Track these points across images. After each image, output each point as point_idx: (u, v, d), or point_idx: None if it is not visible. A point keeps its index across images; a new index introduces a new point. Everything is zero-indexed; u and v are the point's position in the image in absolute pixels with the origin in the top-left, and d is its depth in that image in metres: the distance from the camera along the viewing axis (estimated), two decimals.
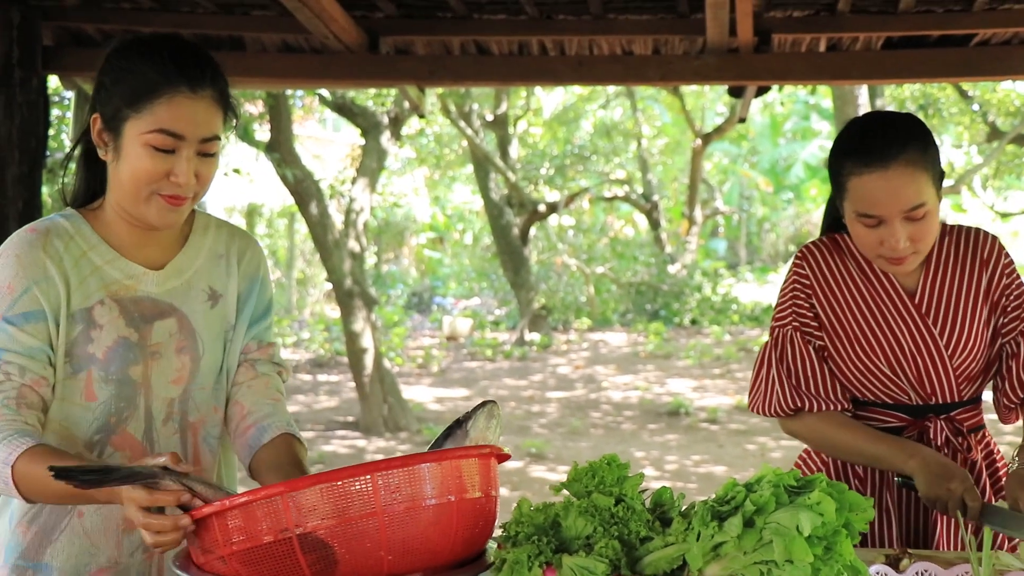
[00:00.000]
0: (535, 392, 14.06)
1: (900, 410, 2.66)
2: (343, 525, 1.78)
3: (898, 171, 2.44)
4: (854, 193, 2.50)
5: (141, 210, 2.10)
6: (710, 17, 4.20)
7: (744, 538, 1.80)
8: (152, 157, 2.05)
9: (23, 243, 2.10)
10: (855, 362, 2.66)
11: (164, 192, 2.07)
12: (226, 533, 1.79)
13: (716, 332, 19.40)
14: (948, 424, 2.64)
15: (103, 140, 2.10)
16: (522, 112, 21.23)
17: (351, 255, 11.73)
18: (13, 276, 2.06)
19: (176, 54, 2.09)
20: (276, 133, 11.35)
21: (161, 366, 2.17)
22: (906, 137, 2.48)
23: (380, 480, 1.80)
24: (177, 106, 2.05)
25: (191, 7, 4.68)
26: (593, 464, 2.06)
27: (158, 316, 2.17)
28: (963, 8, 4.44)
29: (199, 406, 2.23)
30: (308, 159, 14.48)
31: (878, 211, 2.47)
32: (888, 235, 2.49)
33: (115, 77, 2.08)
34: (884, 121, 2.55)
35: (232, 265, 2.30)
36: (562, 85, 15.34)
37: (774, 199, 31.92)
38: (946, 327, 2.61)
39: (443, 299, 25.21)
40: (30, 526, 2.14)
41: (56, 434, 2.10)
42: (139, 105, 2.04)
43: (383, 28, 4.73)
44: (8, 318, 2.05)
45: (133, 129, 2.05)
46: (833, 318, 2.66)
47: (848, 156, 2.51)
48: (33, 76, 4.67)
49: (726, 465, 9.91)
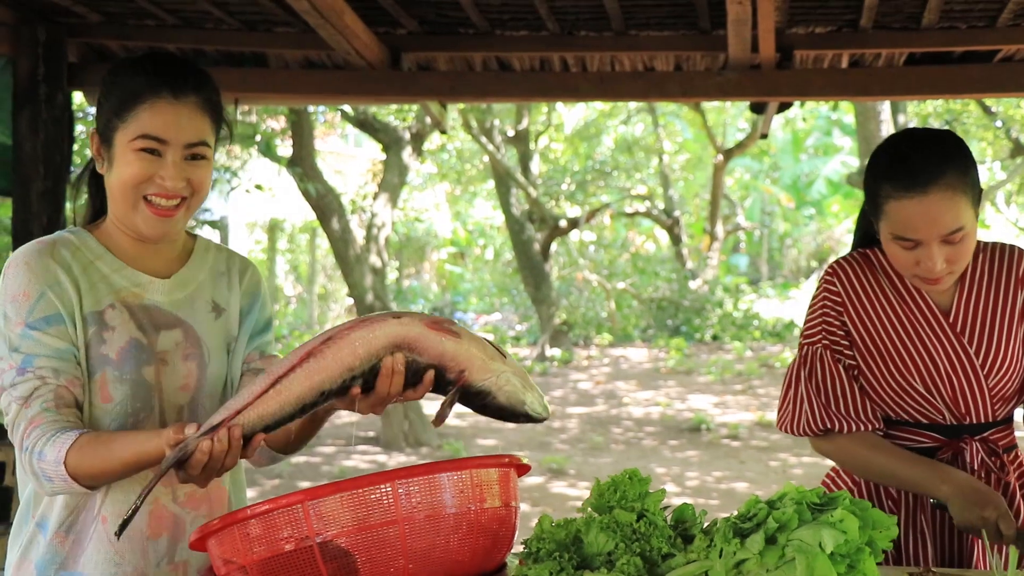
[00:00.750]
0: (556, 408, 14.03)
1: (934, 430, 2.62)
2: (364, 533, 1.78)
3: (937, 196, 2.39)
4: (891, 216, 2.45)
5: (131, 218, 2.17)
6: (732, 33, 4.20)
7: (766, 555, 1.79)
8: (139, 161, 2.12)
9: (31, 252, 2.15)
10: (889, 381, 2.61)
11: (151, 193, 2.14)
12: (247, 542, 1.80)
13: (737, 348, 19.34)
14: (983, 445, 2.60)
15: (100, 154, 2.19)
16: (543, 128, 21.26)
17: (372, 270, 11.76)
18: (27, 283, 2.11)
19: (160, 65, 2.17)
20: (298, 149, 11.39)
21: (170, 372, 2.21)
22: (946, 159, 2.42)
23: (401, 488, 1.81)
24: (160, 111, 2.12)
25: (214, 24, 4.71)
26: (615, 479, 2.05)
27: (164, 326, 2.22)
28: (987, 24, 4.42)
29: (208, 414, 2.22)
30: (330, 174, 14.54)
31: (916, 235, 2.43)
32: (925, 257, 2.44)
33: (106, 92, 2.17)
34: (923, 141, 2.49)
35: (233, 282, 2.37)
36: (583, 101, 15.35)
37: (796, 215, 31.85)
38: (981, 346, 2.57)
39: (464, 314, 25.23)
40: (67, 535, 2.16)
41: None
42: (125, 114, 2.12)
43: (405, 44, 4.75)
44: (31, 324, 2.09)
45: (122, 137, 2.13)
46: (866, 336, 2.62)
47: (886, 178, 2.45)
48: (58, 92, 4.71)
49: (747, 482, 9.87)
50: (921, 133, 2.54)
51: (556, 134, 22.93)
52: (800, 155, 31.05)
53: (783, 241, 33.31)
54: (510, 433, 12.27)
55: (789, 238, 33.14)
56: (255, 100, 6.13)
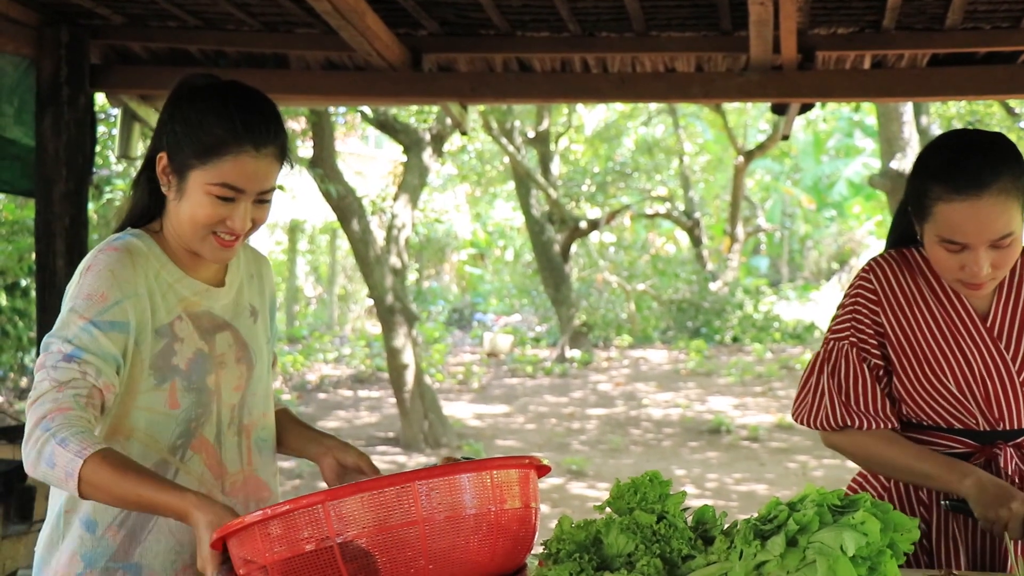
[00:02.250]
0: (575, 409, 14.02)
1: (967, 435, 2.58)
2: (385, 534, 1.79)
3: (990, 200, 2.34)
4: (940, 218, 2.40)
5: (196, 246, 2.26)
6: (753, 35, 4.19)
7: (787, 557, 1.79)
8: (213, 205, 2.19)
9: (115, 260, 2.19)
10: (923, 382, 2.58)
11: (219, 233, 2.23)
12: (268, 542, 1.81)
13: (758, 350, 19.28)
14: (1017, 451, 2.57)
15: (166, 177, 2.23)
16: (564, 129, 21.23)
17: (392, 271, 11.77)
18: (108, 287, 2.16)
19: (245, 111, 2.22)
20: (319, 150, 11.41)
21: (226, 374, 2.32)
22: (1000, 163, 2.37)
23: (421, 489, 1.81)
24: (242, 164, 2.19)
25: (236, 25, 4.73)
26: (635, 481, 2.05)
27: (217, 329, 2.32)
28: (1011, 25, 4.40)
29: (251, 411, 2.38)
30: (350, 176, 14.55)
31: (965, 239, 2.38)
32: (971, 262, 2.40)
33: (186, 129, 2.21)
34: (977, 144, 2.43)
35: (262, 284, 2.49)
36: (604, 102, 15.35)
37: (816, 216, 31.72)
38: (1019, 351, 2.54)
39: (484, 315, 25.22)
40: (120, 529, 2.23)
41: (140, 443, 2.21)
42: (206, 159, 2.18)
43: (426, 46, 4.76)
44: (95, 321, 2.13)
45: (199, 178, 2.19)
46: (901, 335, 2.59)
47: (937, 180, 2.40)
48: (80, 94, 4.73)
49: (767, 484, 9.84)
50: (974, 135, 2.49)
51: (576, 135, 22.90)
52: (821, 157, 30.92)
53: (804, 243, 33.18)
54: (529, 435, 12.27)
55: (810, 240, 33.00)
56: (276, 101, 6.12)
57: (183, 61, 5.01)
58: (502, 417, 13.31)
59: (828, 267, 32.72)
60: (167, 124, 2.24)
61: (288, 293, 23.57)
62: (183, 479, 2.22)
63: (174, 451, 2.24)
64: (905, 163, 11.13)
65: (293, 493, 9.23)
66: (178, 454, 2.24)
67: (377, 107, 12.00)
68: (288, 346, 19.25)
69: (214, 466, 2.29)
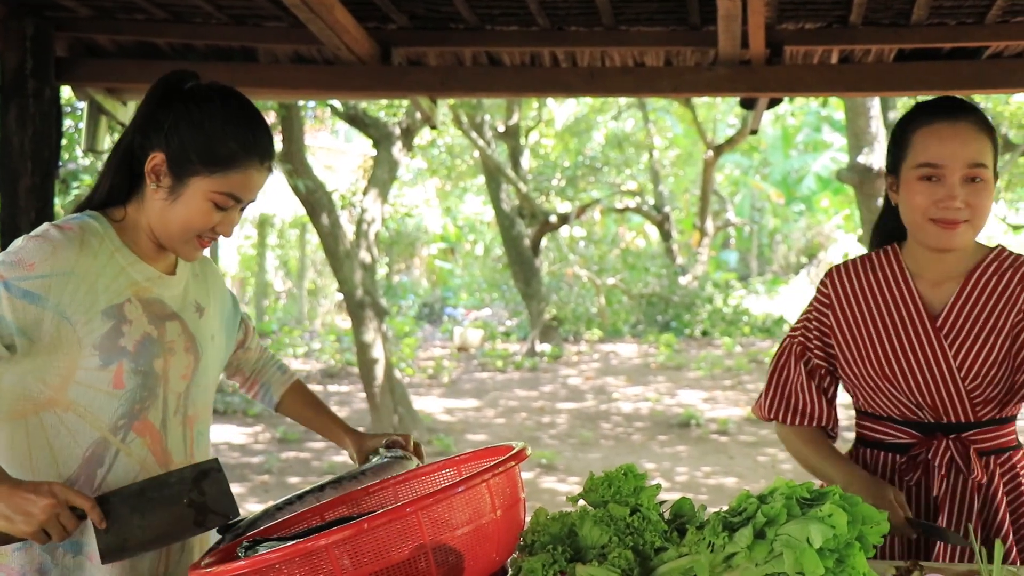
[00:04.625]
0: (545, 403, 14.04)
1: (910, 426, 2.67)
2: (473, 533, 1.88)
3: (966, 126, 2.53)
4: (919, 144, 2.55)
5: (176, 246, 2.31)
6: (722, 29, 4.20)
7: (755, 549, 1.80)
8: (211, 212, 2.26)
9: (63, 239, 2.20)
10: (867, 377, 2.67)
11: (204, 236, 2.30)
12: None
13: (727, 343, 19.36)
14: (956, 444, 2.62)
15: (159, 177, 2.26)
16: (534, 123, 21.24)
17: (362, 266, 11.74)
18: (41, 260, 2.17)
19: (258, 126, 2.30)
20: (288, 144, 11.36)
21: (175, 361, 2.34)
22: (974, 108, 2.59)
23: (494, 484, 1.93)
24: (249, 177, 2.28)
25: (204, 18, 4.70)
26: (609, 474, 2.07)
27: (168, 318, 2.34)
28: (975, 21, 4.43)
29: (195, 402, 2.41)
30: (320, 170, 14.52)
31: (941, 160, 2.51)
32: (945, 195, 2.51)
33: (195, 136, 2.24)
34: (954, 97, 2.67)
35: (206, 283, 2.52)
36: (573, 96, 15.35)
37: (785, 211, 31.88)
38: (962, 350, 2.59)
39: (454, 310, 25.21)
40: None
41: (79, 416, 2.24)
42: (215, 169, 2.24)
43: (395, 39, 4.74)
44: (10, 284, 2.15)
45: (202, 185, 2.24)
46: (848, 334, 2.70)
47: (918, 114, 2.60)
48: (46, 87, 4.69)
49: (737, 477, 9.89)
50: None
51: (546, 129, 22.91)
52: (790, 151, 31.07)
53: (773, 237, 33.36)
54: (500, 429, 12.28)
55: (779, 234, 33.19)
56: (245, 95, 6.11)
57: (150, 54, 4.97)
58: (472, 411, 13.30)
59: (797, 261, 32.93)
60: (167, 125, 2.25)
61: (257, 288, 23.48)
62: (123, 461, 2.26)
63: (115, 431, 2.26)
64: (873, 157, 11.20)
65: (262, 488, 9.20)
66: (119, 434, 2.26)
67: (346, 101, 11.95)
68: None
69: (159, 452, 2.31)
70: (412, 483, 2.38)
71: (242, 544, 2.07)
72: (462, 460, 2.34)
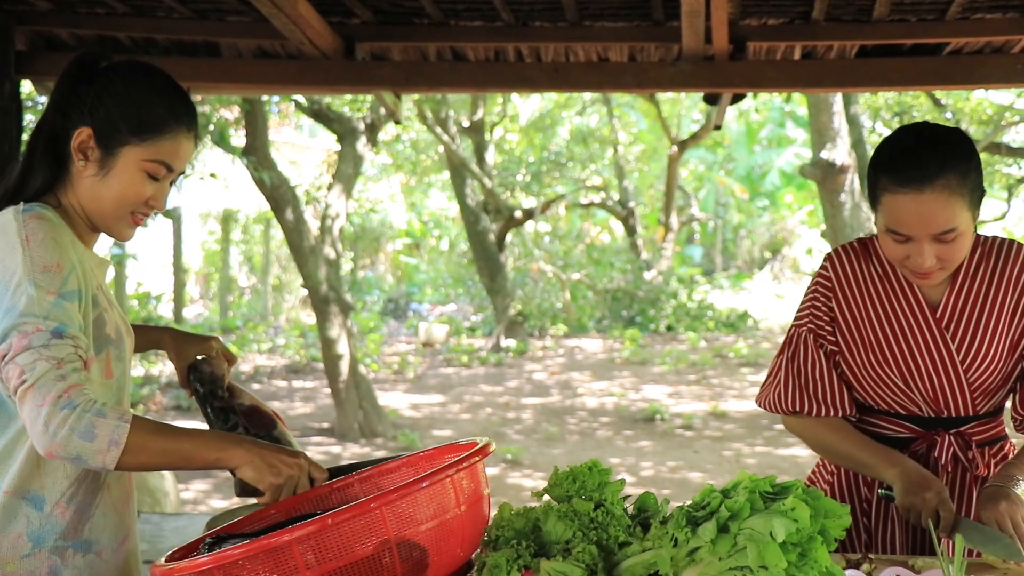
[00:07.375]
0: (511, 398, 14.05)
1: (911, 421, 2.66)
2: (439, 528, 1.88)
3: (932, 196, 2.38)
4: (886, 208, 2.46)
5: (110, 225, 2.26)
6: (685, 25, 4.21)
7: (718, 543, 1.81)
8: (144, 182, 2.22)
9: (49, 229, 2.15)
10: (868, 370, 2.65)
11: (137, 212, 2.26)
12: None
13: (692, 338, 19.43)
14: (958, 439, 2.64)
15: (86, 152, 2.21)
16: (498, 118, 21.23)
17: (327, 261, 11.71)
18: (60, 256, 2.12)
19: (181, 94, 2.29)
20: (252, 139, 11.30)
21: (128, 346, 2.33)
22: (948, 160, 2.40)
23: (459, 479, 1.93)
24: (179, 144, 2.25)
25: (166, 12, 4.66)
26: (574, 469, 2.07)
27: (112, 304, 2.31)
28: (936, 18, 4.46)
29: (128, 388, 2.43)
30: (284, 165, 14.45)
31: (908, 231, 2.44)
32: (915, 253, 2.46)
33: (119, 102, 2.21)
34: (929, 139, 2.46)
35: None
36: (538, 91, 15.36)
37: (749, 206, 32.01)
38: (964, 342, 2.59)
39: (419, 305, 25.16)
40: (68, 506, 2.21)
41: None
42: (145, 136, 2.20)
43: (359, 34, 4.73)
44: (63, 295, 2.09)
45: (134, 154, 2.20)
46: (851, 322, 2.66)
47: (885, 171, 2.45)
48: (6, 81, 4.64)
49: (701, 471, 9.93)
50: (930, 129, 2.51)
51: (511, 125, 22.90)
52: (754, 147, 31.20)
53: (737, 232, 33.49)
54: (465, 424, 12.27)
55: (743, 229, 33.32)
56: (208, 90, 6.08)
57: (112, 48, 4.93)
58: (437, 407, 13.29)
59: (761, 256, 33.08)
60: (89, 100, 2.21)
61: (221, 283, 23.34)
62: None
63: None
64: (835, 153, 11.27)
65: (227, 485, 9.15)
66: None
67: (310, 96, 11.90)
68: (222, 336, 19.03)
69: None
70: (376, 479, 2.37)
71: (205, 541, 2.06)
72: (426, 456, 2.34)
